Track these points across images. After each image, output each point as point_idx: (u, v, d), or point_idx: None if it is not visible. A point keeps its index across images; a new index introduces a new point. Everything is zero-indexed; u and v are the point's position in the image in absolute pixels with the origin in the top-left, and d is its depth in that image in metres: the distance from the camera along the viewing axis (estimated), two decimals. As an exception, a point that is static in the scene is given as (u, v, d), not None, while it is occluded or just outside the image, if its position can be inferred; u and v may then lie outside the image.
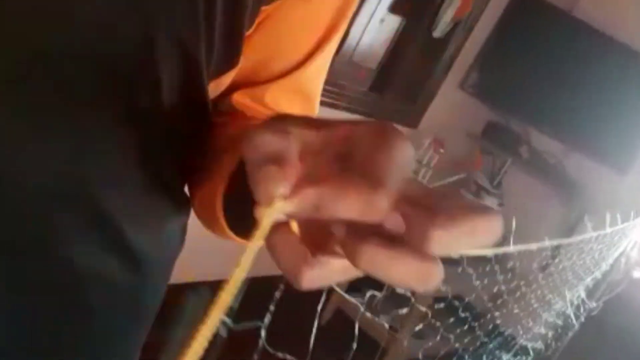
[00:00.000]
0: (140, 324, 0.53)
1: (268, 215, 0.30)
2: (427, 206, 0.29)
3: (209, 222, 0.52)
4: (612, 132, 3.01)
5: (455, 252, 0.29)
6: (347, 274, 0.32)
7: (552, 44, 3.02)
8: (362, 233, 0.29)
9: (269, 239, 0.32)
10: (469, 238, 0.29)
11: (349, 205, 0.29)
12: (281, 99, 0.56)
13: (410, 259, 0.28)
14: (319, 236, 0.32)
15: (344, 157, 0.31)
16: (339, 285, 2.73)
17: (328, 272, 0.31)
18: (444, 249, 0.28)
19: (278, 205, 0.30)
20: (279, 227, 0.32)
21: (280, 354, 1.02)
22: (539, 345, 2.43)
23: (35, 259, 0.42)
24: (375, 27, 2.51)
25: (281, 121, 0.33)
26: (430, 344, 1.92)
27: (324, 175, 0.30)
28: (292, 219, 0.32)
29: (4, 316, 0.42)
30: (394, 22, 2.60)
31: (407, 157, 0.31)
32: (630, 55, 2.95)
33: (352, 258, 0.29)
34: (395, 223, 0.29)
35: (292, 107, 0.57)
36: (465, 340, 2.17)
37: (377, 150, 0.30)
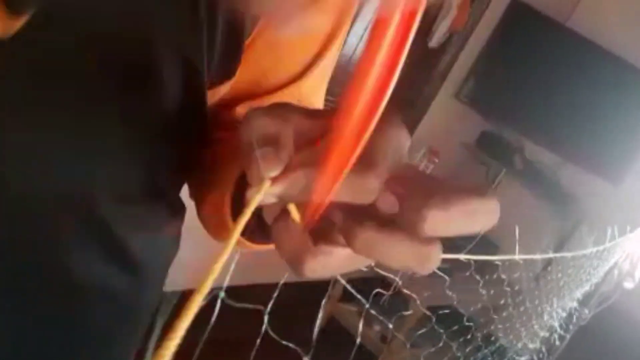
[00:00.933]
0: (136, 329, 0.53)
1: (255, 196, 0.30)
2: (421, 188, 0.28)
3: (217, 230, 0.52)
4: (606, 143, 3.02)
5: (451, 233, 0.28)
6: (350, 264, 0.32)
7: (546, 55, 3.04)
8: (359, 218, 0.29)
9: (272, 228, 0.31)
10: (466, 219, 0.28)
11: (338, 187, 0.29)
12: None
13: (406, 240, 0.28)
14: (321, 225, 0.31)
15: None
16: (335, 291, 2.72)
17: (331, 261, 0.31)
18: (440, 230, 0.28)
19: (267, 187, 0.30)
20: (281, 215, 0.32)
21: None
22: (533, 356, 2.43)
23: (34, 260, 0.42)
24: (372, 37, 2.51)
25: (281, 107, 0.33)
26: (426, 351, 1.91)
27: (316, 161, 0.30)
28: (284, 202, 0.32)
29: (4, 316, 0.42)
30: (390, 31, 2.61)
31: (401, 141, 0.30)
32: (623, 67, 2.98)
33: (350, 242, 0.29)
34: (388, 204, 0.29)
35: None
36: (458, 346, 2.16)
37: (370, 134, 0.29)
